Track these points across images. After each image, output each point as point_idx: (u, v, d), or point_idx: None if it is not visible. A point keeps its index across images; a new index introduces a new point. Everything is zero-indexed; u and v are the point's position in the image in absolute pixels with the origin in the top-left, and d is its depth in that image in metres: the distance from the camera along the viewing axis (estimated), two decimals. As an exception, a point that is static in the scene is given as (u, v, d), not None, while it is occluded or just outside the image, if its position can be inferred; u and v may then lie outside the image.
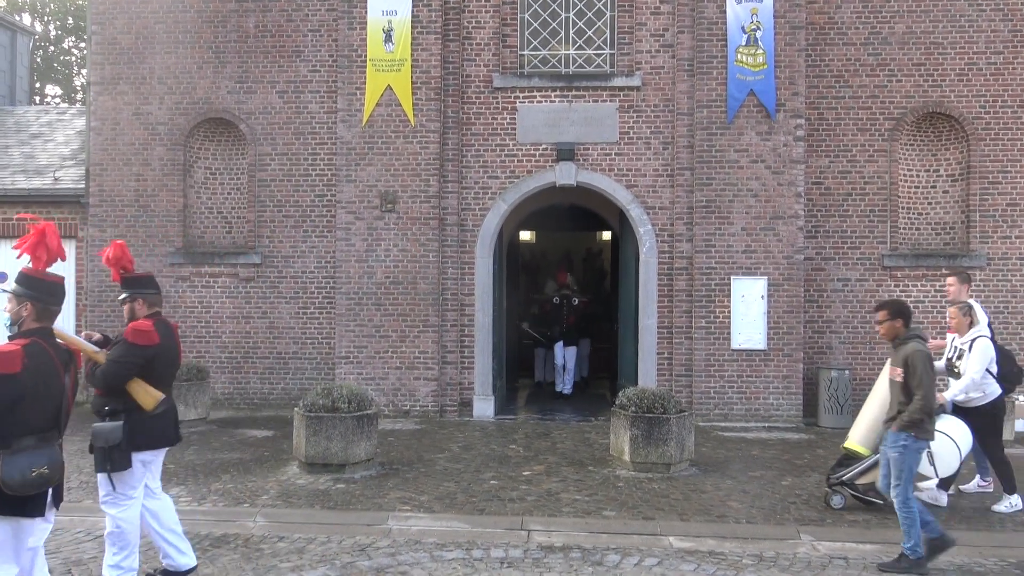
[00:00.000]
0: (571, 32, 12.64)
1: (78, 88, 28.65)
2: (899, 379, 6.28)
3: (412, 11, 12.16)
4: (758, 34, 11.89)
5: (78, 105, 20.53)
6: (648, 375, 12.16)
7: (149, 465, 5.62)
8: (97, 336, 5.63)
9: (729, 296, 11.94)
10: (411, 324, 12.15)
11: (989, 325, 8.09)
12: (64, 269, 13.62)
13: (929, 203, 12.71)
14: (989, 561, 6.47)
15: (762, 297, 11.91)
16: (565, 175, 12.30)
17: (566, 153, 12.24)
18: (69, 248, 13.54)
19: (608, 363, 15.28)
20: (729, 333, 11.92)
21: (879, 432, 7.04)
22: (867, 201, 12.45)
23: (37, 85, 27.44)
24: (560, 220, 15.46)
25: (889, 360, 6.63)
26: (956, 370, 7.66)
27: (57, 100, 29.12)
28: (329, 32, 12.74)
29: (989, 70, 12.33)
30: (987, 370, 7.50)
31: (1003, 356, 7.71)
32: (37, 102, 25.74)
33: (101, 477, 5.35)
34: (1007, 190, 12.32)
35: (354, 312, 12.18)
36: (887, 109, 12.43)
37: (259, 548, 6.52)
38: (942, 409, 7.30)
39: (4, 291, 5.06)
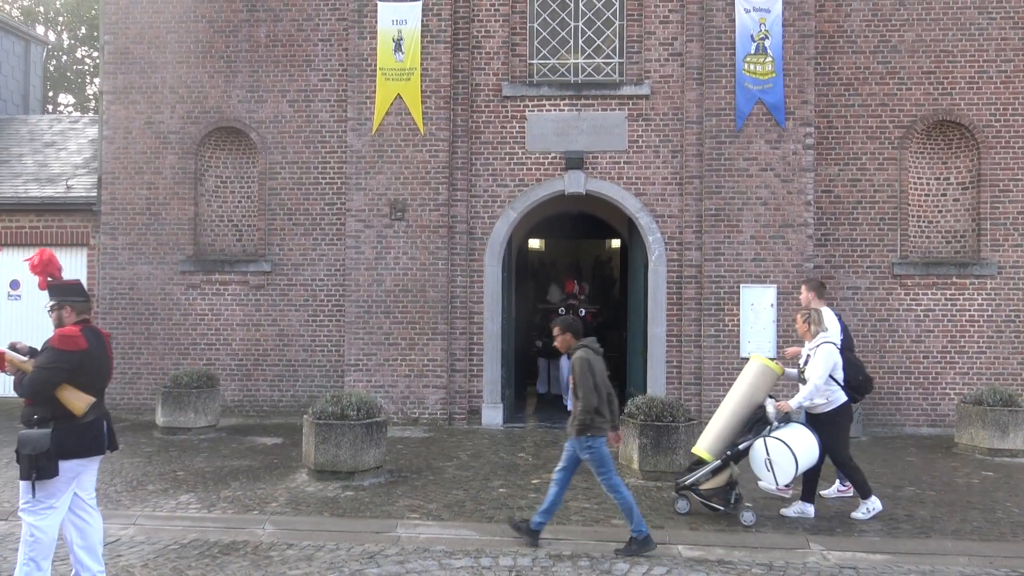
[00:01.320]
0: (580, 41, 12.68)
1: (91, 97, 28.88)
2: (571, 384, 6.89)
3: (422, 20, 12.23)
4: (767, 42, 11.90)
5: (91, 114, 20.69)
6: (657, 383, 12.15)
7: (80, 476, 5.42)
8: (22, 345, 5.57)
9: (738, 304, 11.92)
10: (420, 332, 12.17)
11: (845, 331, 8.21)
12: (76, 277, 13.75)
13: (939, 211, 12.67)
14: (1000, 572, 6.44)
15: (771, 305, 11.89)
16: (574, 183, 12.32)
17: (575, 161, 12.27)
18: (81, 256, 13.65)
19: (617, 371, 15.25)
20: (738, 341, 11.89)
21: (726, 440, 7.50)
22: (877, 209, 12.42)
23: (50, 94, 27.67)
24: (569, 228, 15.45)
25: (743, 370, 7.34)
26: (804, 377, 7.68)
27: (70, 109, 29.36)
28: (339, 41, 12.81)
29: (999, 78, 12.30)
30: (832, 378, 7.47)
31: (850, 364, 7.66)
32: (50, 111, 25.95)
33: (24, 484, 5.23)
34: (1018, 198, 12.27)
35: (363, 320, 12.21)
36: (897, 117, 12.41)
37: (268, 555, 6.53)
38: (788, 416, 7.46)
39: (15, 297, 5.25)
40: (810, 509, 7.69)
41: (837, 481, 8.38)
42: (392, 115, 12.26)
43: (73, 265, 13.70)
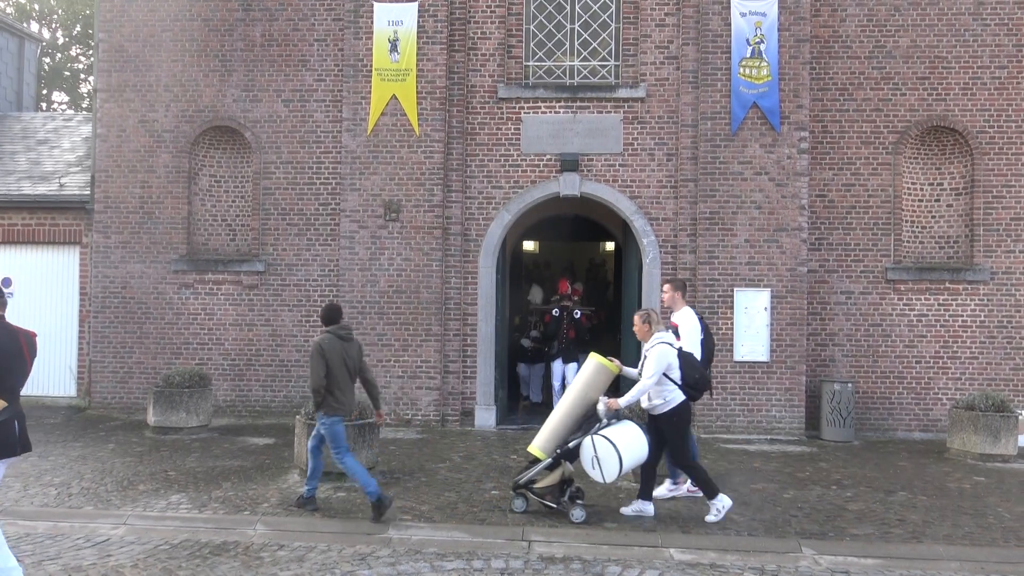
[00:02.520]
0: (576, 43, 12.68)
1: (85, 95, 28.79)
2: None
3: (418, 22, 12.21)
4: (762, 47, 11.92)
5: (84, 112, 20.61)
6: (650, 386, 12.13)
7: None
8: None
9: (732, 308, 11.93)
10: (413, 333, 12.15)
11: (705, 331, 8.37)
12: (68, 275, 13.72)
13: (933, 216, 12.71)
14: (992, 577, 6.45)
15: (765, 309, 11.90)
16: (569, 186, 12.31)
17: (570, 164, 12.26)
18: (73, 254, 13.59)
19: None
20: (732, 345, 11.90)
21: (559, 438, 7.59)
22: (871, 214, 12.45)
23: (44, 92, 27.57)
24: (564, 230, 15.46)
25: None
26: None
27: (63, 107, 29.26)
28: (335, 42, 12.79)
29: (993, 84, 12.34)
30: (669, 377, 7.53)
31: (687, 363, 7.69)
32: (44, 109, 25.86)
33: None
34: (1011, 204, 12.31)
35: (357, 321, 12.18)
36: (891, 122, 12.44)
37: (259, 556, 6.51)
38: (617, 414, 7.58)
39: (8, 295, 5.09)
40: (649, 508, 7.73)
41: (668, 480, 8.40)
42: (387, 116, 12.25)
43: (65, 263, 13.65)
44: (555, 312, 12.82)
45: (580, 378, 7.78)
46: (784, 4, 11.94)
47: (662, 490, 8.35)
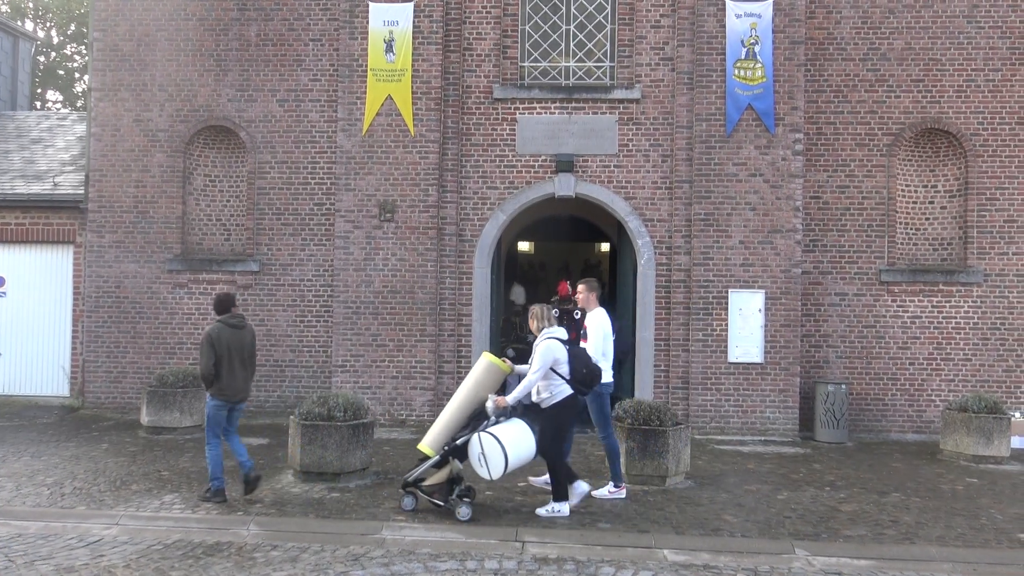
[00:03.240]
0: (571, 44, 12.69)
1: (79, 94, 28.71)
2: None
3: (413, 22, 12.21)
4: (757, 48, 11.94)
5: (79, 111, 20.56)
6: (645, 387, 12.15)
7: None
8: None
9: (727, 309, 11.94)
10: (408, 333, 12.14)
11: (618, 331, 8.42)
12: (62, 274, 13.70)
13: (927, 219, 12.74)
14: (984, 578, 6.47)
15: (759, 310, 11.92)
16: (564, 186, 12.32)
17: (565, 164, 12.27)
18: (67, 253, 13.55)
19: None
20: (726, 346, 11.92)
21: (448, 435, 7.65)
22: (865, 216, 12.48)
23: (38, 91, 27.49)
24: (559, 231, 15.45)
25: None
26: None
27: (58, 106, 29.17)
28: (330, 41, 12.78)
29: (987, 87, 12.38)
30: (557, 372, 7.62)
31: (576, 359, 7.75)
32: (38, 107, 25.79)
33: None
34: (1005, 206, 12.36)
35: (351, 321, 12.17)
36: (885, 124, 12.48)
37: (252, 557, 6.49)
38: (505, 411, 7.60)
39: (1, 294, 4.99)
40: (565, 508, 7.70)
41: (610, 483, 8.43)
42: (382, 116, 12.24)
43: (59, 263, 13.61)
44: (555, 313, 12.70)
45: (471, 377, 7.86)
46: (779, 6, 11.97)
47: (603, 491, 8.35)
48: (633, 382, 12.40)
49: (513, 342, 13.21)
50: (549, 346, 7.62)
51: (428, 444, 7.74)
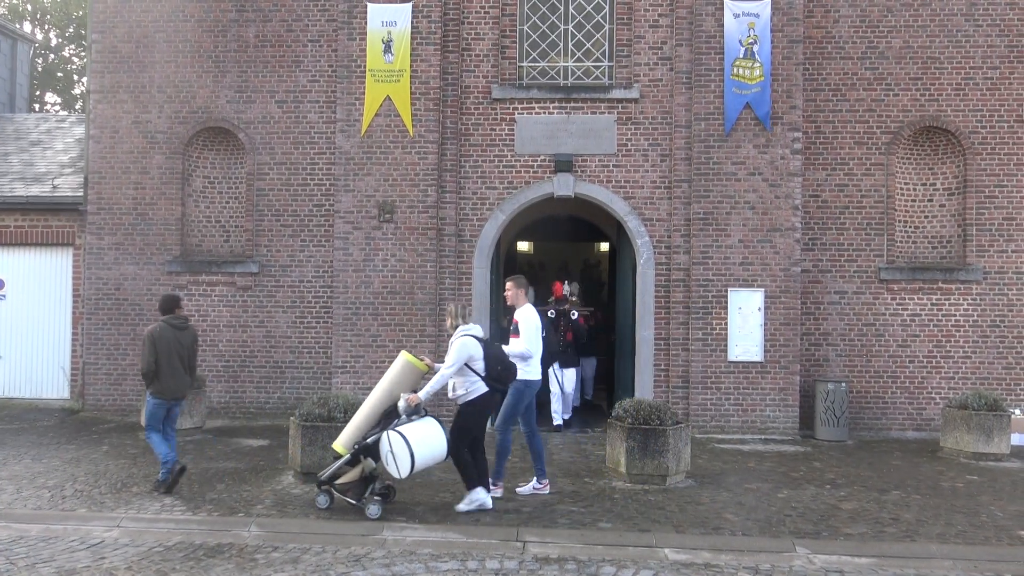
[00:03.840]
0: (570, 44, 12.70)
1: (78, 96, 28.70)
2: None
3: (412, 22, 12.21)
4: (755, 48, 11.95)
5: (77, 113, 20.56)
6: (645, 387, 12.16)
7: None
8: None
9: (726, 308, 11.95)
10: (408, 334, 12.14)
11: (548, 328, 8.44)
12: (62, 277, 13.70)
13: (926, 217, 12.75)
14: (985, 575, 6.46)
15: (759, 309, 11.93)
16: (563, 186, 12.33)
17: (564, 164, 12.28)
18: (67, 256, 13.56)
19: (605, 375, 15.24)
20: (726, 345, 11.93)
21: (361, 433, 7.68)
22: (864, 214, 12.49)
23: (37, 93, 27.48)
24: (558, 231, 15.45)
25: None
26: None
27: (56, 108, 29.17)
28: (329, 42, 12.78)
29: (986, 85, 12.39)
30: (472, 369, 7.69)
31: (491, 356, 7.80)
32: (37, 110, 25.78)
33: None
34: (1003, 204, 12.37)
35: (351, 322, 12.18)
36: (884, 123, 12.48)
37: (253, 558, 6.50)
38: (418, 408, 7.66)
39: (2, 296, 4.98)
40: (487, 501, 7.80)
41: (535, 479, 8.47)
42: (381, 117, 12.24)
43: (58, 265, 13.62)
44: (550, 314, 12.32)
45: (387, 375, 7.89)
46: (777, 5, 11.98)
47: (527, 488, 8.42)
48: (633, 381, 12.40)
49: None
50: (464, 343, 7.68)
51: (341, 443, 7.78)
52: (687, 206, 12.13)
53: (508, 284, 8.69)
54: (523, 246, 17.63)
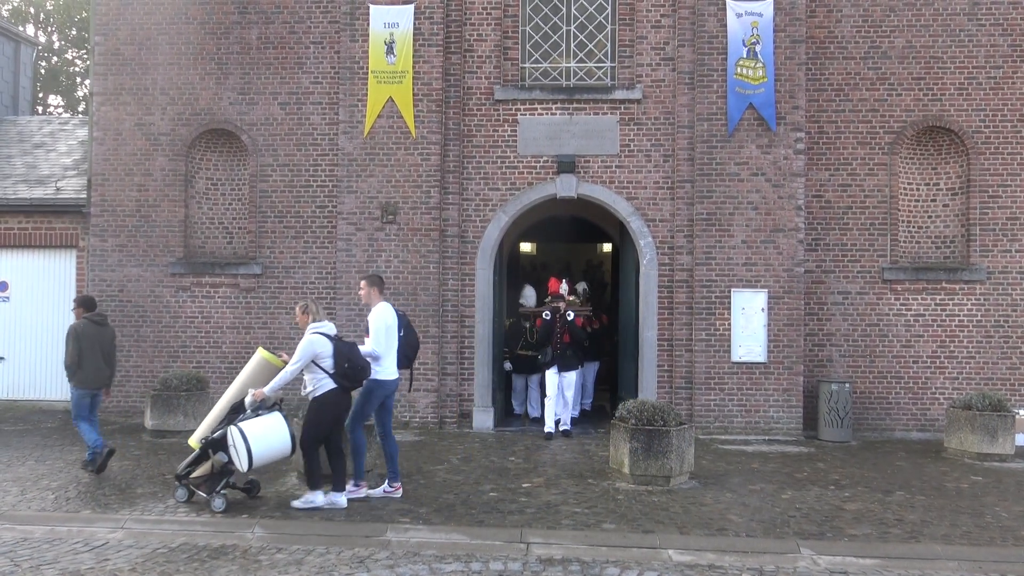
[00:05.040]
0: (572, 45, 12.69)
1: (81, 99, 28.75)
2: None
3: (414, 24, 12.22)
4: (758, 47, 11.94)
5: (80, 115, 20.58)
6: (648, 387, 12.15)
7: None
8: None
9: (729, 309, 11.94)
10: (411, 335, 12.11)
11: (405, 326, 8.54)
12: (65, 279, 13.71)
13: (929, 216, 12.73)
14: (990, 576, 6.46)
15: (762, 310, 11.91)
16: (566, 187, 12.32)
17: (567, 165, 12.27)
18: (70, 258, 13.58)
19: (608, 375, 15.23)
20: (729, 346, 11.91)
21: (210, 428, 7.92)
22: (867, 214, 12.47)
23: (40, 95, 27.53)
24: (561, 232, 15.44)
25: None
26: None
27: (60, 110, 29.21)
28: (331, 44, 12.79)
29: (989, 84, 12.37)
30: (320, 366, 7.77)
31: (340, 353, 7.83)
32: (40, 112, 25.83)
33: None
34: (1007, 204, 12.34)
35: (355, 323, 12.17)
36: (887, 123, 12.47)
37: (257, 560, 6.50)
38: (264, 403, 7.83)
39: (4, 299, 5.03)
40: (341, 499, 7.86)
41: (386, 481, 8.45)
42: (384, 118, 12.25)
43: (62, 267, 13.64)
44: (545, 315, 11.80)
45: (243, 372, 8.13)
46: (780, 5, 11.97)
47: (378, 491, 8.39)
48: (637, 382, 12.39)
49: (522, 346, 12.78)
50: (311, 340, 7.79)
51: (194, 438, 8.01)
52: (690, 207, 12.12)
53: (362, 283, 8.74)
54: (526, 247, 17.62)
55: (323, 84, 12.82)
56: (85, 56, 28.15)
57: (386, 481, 8.42)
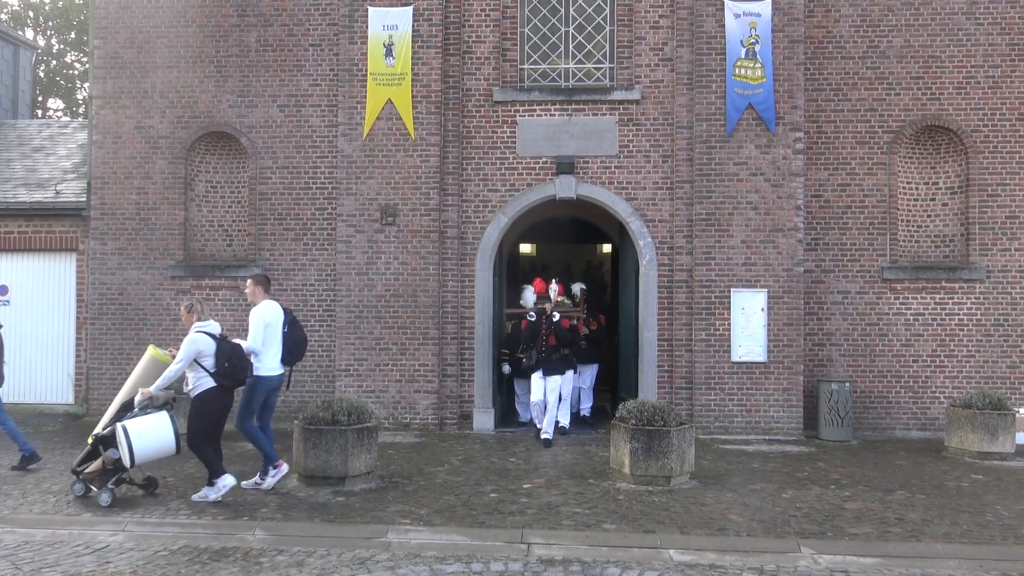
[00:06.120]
0: (571, 46, 12.71)
1: (80, 102, 28.76)
2: None
3: (413, 26, 12.23)
4: (757, 48, 11.95)
5: (80, 119, 20.60)
6: (648, 388, 12.15)
7: None
8: None
9: (729, 309, 11.95)
10: (411, 337, 12.15)
11: (289, 324, 8.72)
12: (65, 282, 13.72)
13: (928, 216, 12.74)
14: (990, 575, 6.45)
15: (762, 310, 11.92)
16: (565, 188, 12.33)
17: (566, 166, 12.28)
18: (70, 261, 13.58)
19: (609, 376, 15.23)
20: (729, 346, 11.92)
21: (103, 424, 8.19)
22: (866, 214, 12.48)
23: (39, 99, 27.55)
24: (560, 233, 15.44)
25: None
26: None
27: (59, 114, 29.23)
28: (330, 46, 12.80)
29: (987, 83, 12.38)
30: (202, 365, 8.01)
31: (221, 353, 8.07)
32: (39, 116, 25.84)
33: None
34: (1006, 203, 12.35)
35: (354, 325, 12.19)
36: (886, 122, 12.48)
37: (258, 561, 6.50)
38: (152, 401, 8.09)
39: (4, 302, 5.11)
40: (214, 493, 8.09)
41: (257, 475, 8.63)
42: (383, 120, 12.26)
43: (62, 270, 13.65)
44: (530, 316, 11.42)
45: (135, 370, 8.42)
46: (778, 5, 11.98)
47: (249, 482, 8.60)
48: (637, 383, 12.40)
49: (524, 348, 12.73)
50: (193, 339, 8.01)
51: (92, 434, 8.24)
52: (689, 207, 12.14)
53: (248, 282, 8.96)
54: (526, 248, 17.63)
55: (322, 86, 12.83)
56: (84, 59, 28.17)
57: (259, 473, 8.65)
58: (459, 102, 12.44)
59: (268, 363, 8.59)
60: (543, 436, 11.23)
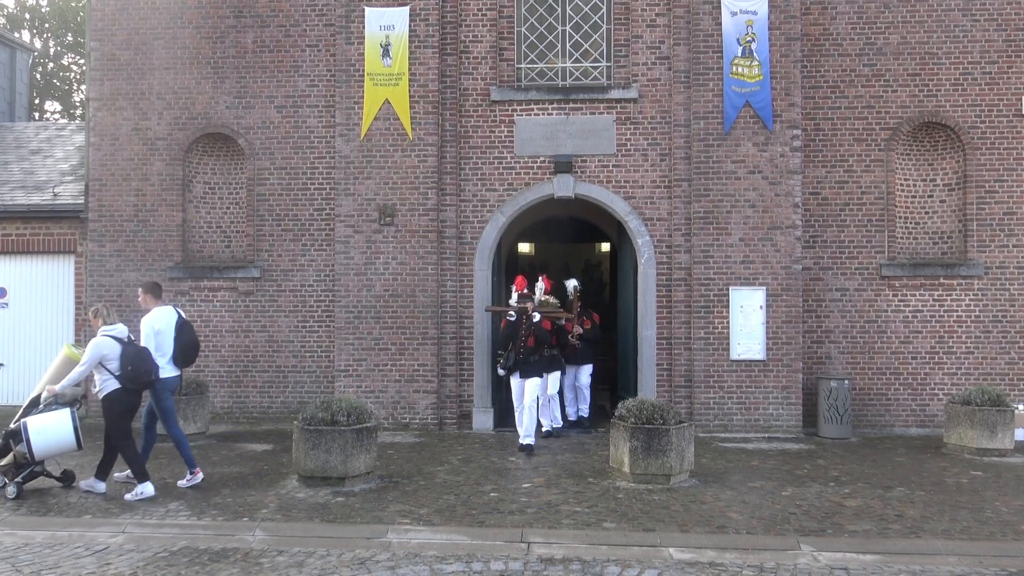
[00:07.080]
0: (568, 45, 12.71)
1: (77, 104, 28.74)
2: None
3: (409, 26, 12.23)
4: (753, 46, 11.96)
5: (77, 121, 20.59)
6: (648, 386, 12.16)
7: None
8: None
9: (728, 307, 11.95)
10: (410, 337, 12.16)
11: (180, 328, 8.91)
12: (64, 284, 13.72)
13: (926, 212, 12.75)
14: (989, 571, 6.46)
15: (761, 307, 11.93)
16: (563, 187, 12.34)
17: (564, 165, 12.29)
18: (68, 263, 13.58)
19: (608, 375, 15.25)
20: (728, 344, 11.93)
21: (16, 418, 8.41)
22: (864, 211, 12.49)
23: (36, 101, 27.53)
24: (559, 232, 15.45)
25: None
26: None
27: (56, 116, 29.21)
28: (327, 47, 12.80)
29: (984, 80, 12.39)
30: (107, 368, 8.24)
31: (125, 356, 8.27)
32: (36, 118, 25.82)
33: None
34: (1004, 199, 12.36)
35: (353, 325, 12.19)
36: (883, 119, 12.49)
37: (258, 562, 6.51)
38: (57, 399, 8.41)
39: (3, 305, 5.15)
40: (100, 486, 8.44)
41: (127, 472, 8.78)
42: (380, 120, 12.26)
43: (60, 273, 13.64)
44: (510, 316, 10.93)
45: (50, 367, 8.68)
46: (774, 3, 11.99)
47: (121, 475, 8.81)
48: (636, 381, 12.41)
49: (503, 349, 12.53)
50: (98, 343, 8.23)
51: (4, 428, 8.53)
52: (687, 205, 12.14)
53: (140, 290, 9.28)
54: (524, 247, 17.65)
55: (319, 87, 12.83)
56: (81, 61, 28.15)
57: (125, 472, 8.80)
58: (456, 102, 12.44)
59: (166, 366, 8.86)
60: (521, 442, 10.68)
